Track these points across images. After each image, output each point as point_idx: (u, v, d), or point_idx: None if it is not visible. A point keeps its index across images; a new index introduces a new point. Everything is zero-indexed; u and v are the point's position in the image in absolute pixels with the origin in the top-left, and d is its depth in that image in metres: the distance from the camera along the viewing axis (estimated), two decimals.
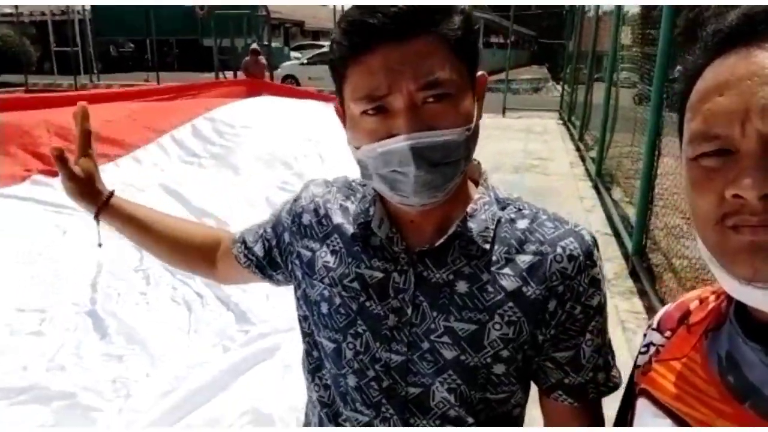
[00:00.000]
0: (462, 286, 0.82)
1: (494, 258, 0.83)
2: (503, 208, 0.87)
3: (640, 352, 0.77)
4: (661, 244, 4.59)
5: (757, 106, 0.50)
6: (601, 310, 0.84)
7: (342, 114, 0.83)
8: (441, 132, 0.73)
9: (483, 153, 0.79)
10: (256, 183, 3.69)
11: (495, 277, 0.82)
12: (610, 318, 0.89)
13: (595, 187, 7.08)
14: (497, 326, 0.81)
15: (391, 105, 0.73)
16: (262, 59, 12.53)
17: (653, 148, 4.23)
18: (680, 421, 0.63)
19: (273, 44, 19.09)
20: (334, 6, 17.97)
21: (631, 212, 5.15)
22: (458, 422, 0.85)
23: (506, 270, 0.82)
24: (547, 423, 0.92)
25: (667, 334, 0.73)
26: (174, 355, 2.29)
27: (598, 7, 9.42)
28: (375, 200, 0.87)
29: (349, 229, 0.89)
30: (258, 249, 1.02)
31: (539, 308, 0.81)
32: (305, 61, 21.16)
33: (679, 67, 4.29)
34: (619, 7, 6.98)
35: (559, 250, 0.82)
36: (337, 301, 0.87)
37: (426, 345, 0.83)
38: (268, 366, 2.16)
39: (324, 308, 0.89)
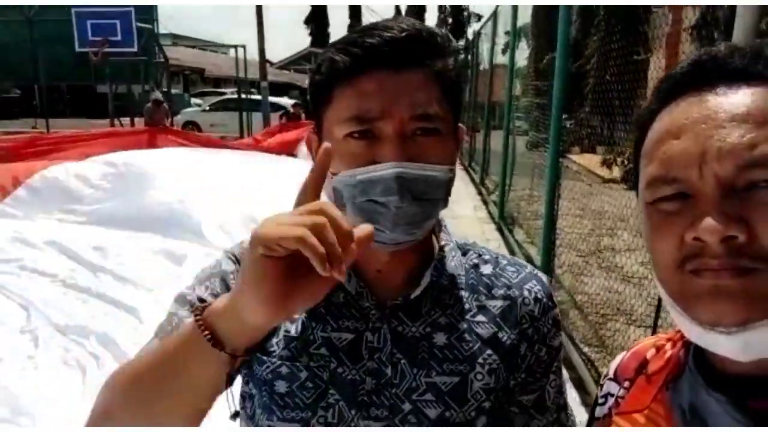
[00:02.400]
0: (440, 338, 0.78)
1: (467, 306, 0.81)
2: (464, 254, 0.86)
3: (598, 404, 0.75)
4: (564, 282, 4.80)
5: (713, 148, 0.51)
6: (560, 349, 0.85)
7: (315, 142, 0.79)
8: (429, 166, 0.71)
9: None
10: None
11: (471, 325, 0.80)
12: None
13: (499, 229, 7.34)
14: (479, 376, 0.78)
15: (380, 130, 0.70)
16: (165, 106, 12.23)
17: (553, 191, 4.46)
18: None
19: (173, 91, 18.66)
20: (236, 54, 17.90)
21: (534, 252, 5.36)
22: None
23: (480, 317, 0.81)
24: None
25: (626, 384, 0.71)
26: (66, 424, 2.06)
27: (491, 60, 9.99)
28: None
29: None
30: None
31: (514, 353, 0.81)
32: (207, 108, 20.81)
33: (564, 115, 4.60)
34: (512, 60, 7.44)
35: (525, 293, 0.83)
36: (303, 375, 0.77)
37: (407, 406, 0.77)
38: None
39: (281, 387, 0.77)
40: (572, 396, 3.28)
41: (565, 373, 3.48)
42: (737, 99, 0.52)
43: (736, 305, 0.50)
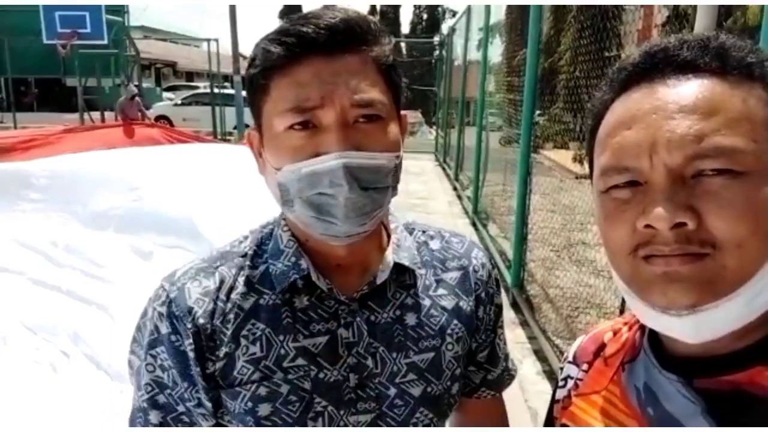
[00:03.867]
0: (411, 318, 0.81)
1: (427, 282, 0.84)
2: (410, 233, 0.88)
3: (558, 386, 0.77)
4: (537, 276, 4.87)
5: (663, 139, 0.52)
6: (502, 305, 0.93)
7: (256, 139, 0.77)
8: (374, 154, 0.70)
9: None
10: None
11: (434, 300, 0.83)
12: None
13: (473, 224, 7.41)
14: (450, 347, 0.82)
15: (321, 120, 0.68)
16: (138, 100, 11.98)
17: (525, 186, 4.52)
18: None
19: (144, 84, 18.36)
20: (209, 48, 17.67)
21: (507, 246, 5.42)
22: None
23: (441, 290, 0.84)
24: (468, 419, 0.95)
25: (584, 367, 0.74)
26: (37, 424, 2.04)
27: (465, 57, 10.05)
28: (301, 252, 0.78)
29: (267, 302, 0.77)
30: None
31: (473, 318, 0.86)
32: (179, 102, 20.50)
33: (538, 111, 4.66)
34: (485, 58, 7.50)
35: (474, 261, 0.88)
36: (284, 390, 0.75)
37: (393, 391, 0.78)
38: None
39: (264, 410, 0.75)
40: (544, 387, 3.34)
41: (537, 365, 3.53)
42: (686, 90, 0.54)
43: (686, 289, 0.52)
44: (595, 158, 0.61)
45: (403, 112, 0.78)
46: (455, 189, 10.22)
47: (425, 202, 8.99)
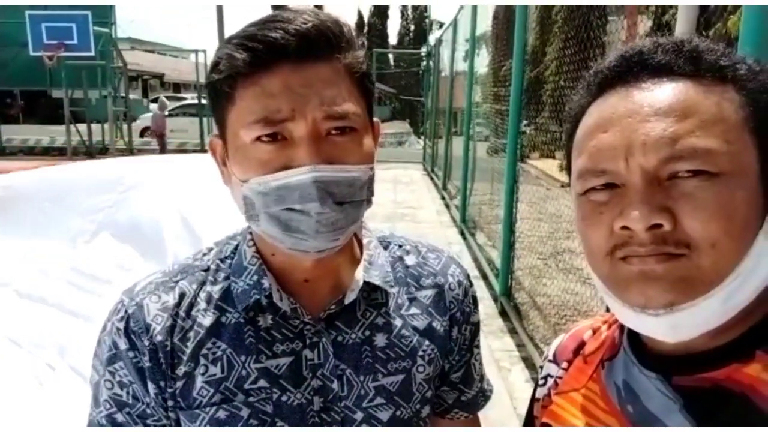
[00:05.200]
0: (381, 339, 0.77)
1: (399, 301, 0.81)
2: (386, 247, 0.85)
3: (538, 385, 0.78)
4: (525, 284, 4.89)
5: (638, 141, 0.53)
6: (479, 324, 0.89)
7: (219, 147, 0.72)
8: (348, 167, 0.66)
9: None
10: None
11: (406, 320, 0.80)
12: (484, 358, 0.95)
13: (461, 233, 7.43)
14: (420, 368, 0.79)
15: (292, 132, 0.65)
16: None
17: (512, 195, 4.55)
18: None
19: (131, 96, 18.28)
20: (196, 59, 17.66)
21: (495, 255, 5.45)
22: None
23: (413, 309, 0.81)
24: None
25: (564, 365, 0.75)
26: None
27: (452, 68, 10.12)
28: (264, 270, 0.74)
29: (230, 320, 0.74)
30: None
31: (446, 338, 0.83)
32: (166, 113, 20.41)
33: (525, 121, 4.70)
34: (471, 68, 7.56)
35: (450, 279, 0.85)
36: (244, 413, 0.72)
37: (359, 415, 0.75)
38: None
39: None
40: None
41: (525, 372, 3.53)
42: (661, 93, 0.55)
43: (663, 288, 0.53)
44: (572, 161, 0.62)
45: (375, 120, 0.75)
46: (443, 198, 10.25)
47: (414, 211, 9.02)
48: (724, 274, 0.53)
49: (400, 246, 0.86)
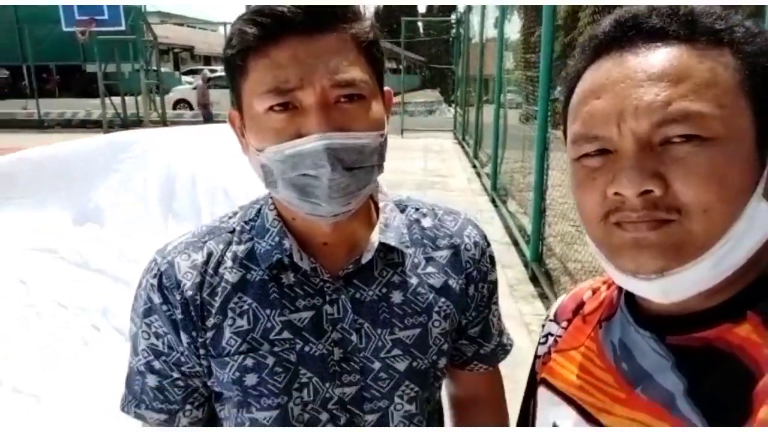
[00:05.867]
0: (397, 296, 0.81)
1: (415, 260, 0.84)
2: (402, 210, 0.88)
3: (539, 343, 0.80)
4: (556, 250, 4.87)
5: (631, 107, 0.53)
6: (497, 282, 0.92)
7: (237, 119, 0.77)
8: (357, 134, 0.69)
9: (385, 171, 0.77)
10: None
11: (422, 278, 0.83)
12: (515, 321, 0.98)
13: (492, 201, 7.40)
14: (437, 323, 0.83)
15: (301, 101, 0.68)
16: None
17: (542, 162, 4.52)
18: (579, 408, 0.66)
19: (162, 69, 18.48)
20: (225, 31, 17.69)
21: (526, 222, 5.43)
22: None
23: (430, 268, 0.84)
24: (462, 389, 0.98)
25: (564, 324, 0.76)
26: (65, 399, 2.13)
27: (482, 34, 9.94)
28: (285, 232, 0.79)
29: (255, 277, 0.79)
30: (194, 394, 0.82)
31: (463, 296, 0.86)
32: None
33: (559, 88, 4.63)
34: (501, 35, 7.42)
35: (466, 239, 0.87)
36: (270, 361, 0.77)
37: (378, 365, 0.80)
38: None
39: (251, 380, 0.77)
40: None
41: None
42: (654, 58, 0.54)
43: (654, 256, 0.53)
44: (568, 127, 0.62)
45: (386, 88, 0.77)
46: (474, 166, 10.19)
47: (444, 179, 9.00)
48: (715, 239, 0.53)
49: (417, 209, 0.89)
